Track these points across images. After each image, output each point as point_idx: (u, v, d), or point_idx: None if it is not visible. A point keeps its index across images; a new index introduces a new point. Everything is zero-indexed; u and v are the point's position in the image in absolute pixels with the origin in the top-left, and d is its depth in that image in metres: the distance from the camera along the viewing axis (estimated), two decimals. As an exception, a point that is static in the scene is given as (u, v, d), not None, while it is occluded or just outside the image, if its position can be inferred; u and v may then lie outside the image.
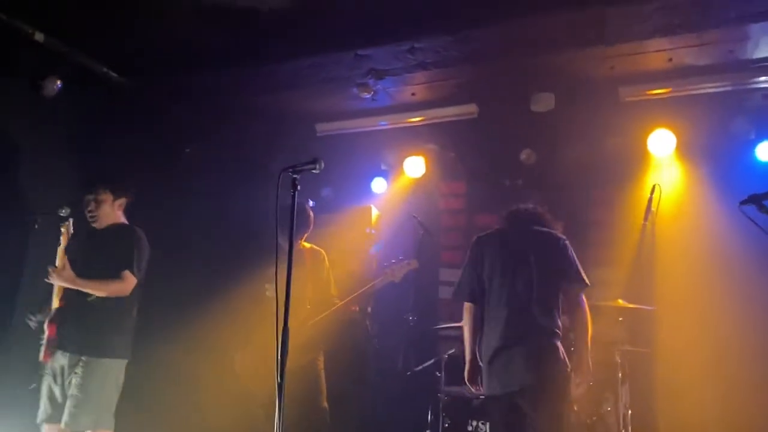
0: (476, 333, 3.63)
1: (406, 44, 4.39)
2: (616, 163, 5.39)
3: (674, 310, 4.09)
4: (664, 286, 3.86)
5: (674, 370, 4.31)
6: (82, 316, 3.84)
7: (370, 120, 5.88)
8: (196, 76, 5.01)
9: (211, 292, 5.02)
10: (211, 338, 4.89)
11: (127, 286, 3.89)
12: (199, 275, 5.40)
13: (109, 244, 3.98)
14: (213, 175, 5.69)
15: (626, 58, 4.66)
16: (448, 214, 6.40)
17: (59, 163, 4.50)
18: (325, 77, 4.95)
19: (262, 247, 4.97)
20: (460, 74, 5.02)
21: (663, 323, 3.83)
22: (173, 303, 5.12)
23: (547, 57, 4.72)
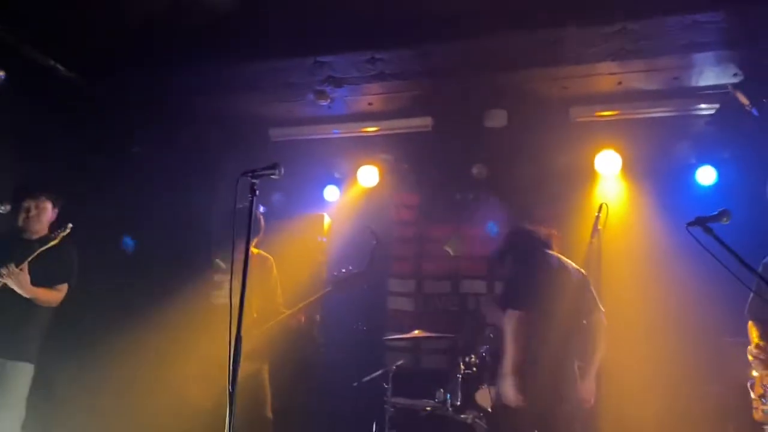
0: None
1: (366, 54, 4.40)
2: (564, 180, 5.52)
3: (619, 324, 4.21)
4: (610, 302, 3.96)
5: (618, 383, 4.43)
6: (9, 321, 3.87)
7: (325, 127, 5.87)
8: (150, 75, 4.88)
9: (154, 297, 4.87)
10: (154, 344, 4.75)
11: (61, 297, 4.04)
12: (143, 279, 5.24)
13: (47, 256, 3.95)
14: (162, 176, 5.55)
15: (579, 80, 4.81)
16: (400, 224, 6.43)
17: (3, 158, 4.32)
18: (284, 82, 4.91)
19: (209, 251, 4.89)
20: (417, 87, 5.07)
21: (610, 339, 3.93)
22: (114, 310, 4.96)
23: (502, 75, 4.84)
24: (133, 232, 5.20)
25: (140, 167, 5.43)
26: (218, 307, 4.35)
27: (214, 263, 4.29)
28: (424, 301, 6.24)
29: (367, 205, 6.17)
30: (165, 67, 4.80)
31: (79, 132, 4.87)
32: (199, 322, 4.30)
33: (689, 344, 4.69)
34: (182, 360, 4.41)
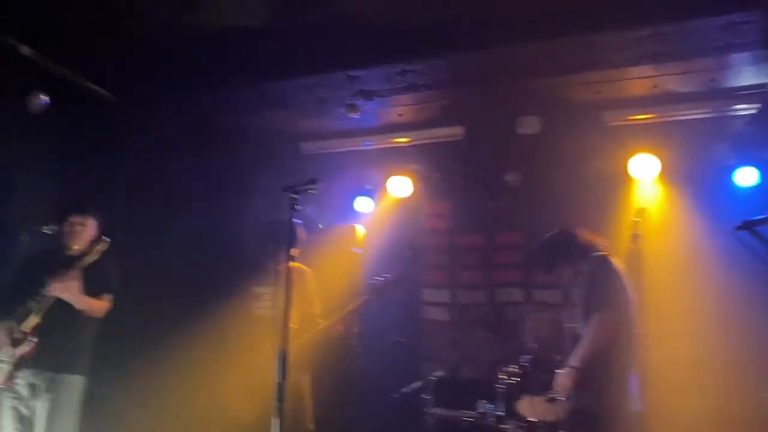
0: None
1: (398, 66, 4.42)
2: (599, 186, 5.46)
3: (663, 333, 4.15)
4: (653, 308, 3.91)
5: (664, 393, 4.35)
6: (59, 334, 3.89)
7: (356, 140, 5.91)
8: (185, 94, 4.97)
9: (196, 311, 4.94)
10: (198, 359, 4.81)
11: (105, 308, 4.06)
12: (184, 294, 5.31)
13: (89, 268, 4.01)
14: (198, 192, 5.63)
15: (612, 84, 4.77)
16: (433, 234, 6.42)
17: (45, 179, 4.43)
18: (315, 97, 4.97)
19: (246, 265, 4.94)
20: (448, 96, 5.08)
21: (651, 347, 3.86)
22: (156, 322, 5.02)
23: (534, 81, 4.81)
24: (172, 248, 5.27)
25: (176, 184, 5.51)
26: (258, 318, 4.42)
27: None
28: (459, 311, 6.20)
29: (400, 215, 6.18)
30: (198, 86, 4.89)
31: (117, 151, 4.96)
32: (240, 334, 4.35)
33: (739, 350, 4.59)
34: (225, 372, 4.45)
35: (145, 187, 5.24)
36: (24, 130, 4.44)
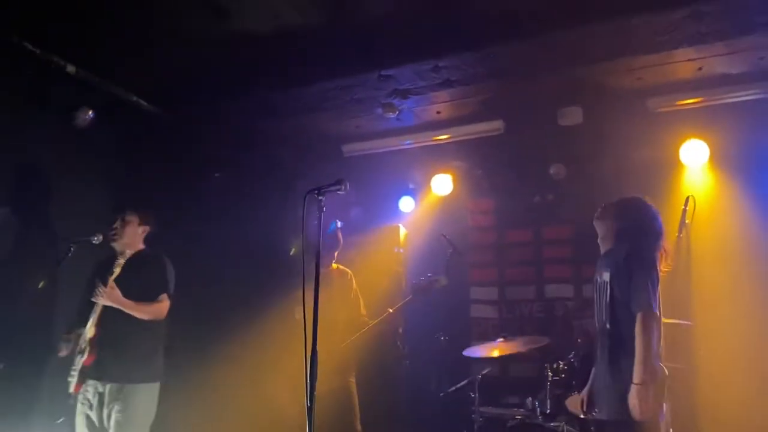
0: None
1: (429, 63, 4.39)
2: (647, 175, 5.28)
3: (713, 325, 3.97)
4: (702, 300, 3.74)
5: (716, 386, 4.18)
6: (119, 344, 3.86)
7: (396, 139, 5.89)
8: (224, 102, 5.07)
9: (241, 314, 5.03)
10: (242, 362, 4.90)
11: (165, 309, 4.00)
12: (229, 298, 5.43)
13: (142, 270, 4.03)
14: (242, 198, 5.75)
15: (654, 69, 4.59)
16: (477, 231, 6.36)
17: (93, 190, 4.58)
18: (351, 98, 4.98)
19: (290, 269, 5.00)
20: (485, 91, 4.99)
21: (702, 338, 3.71)
22: (204, 325, 5.15)
23: (572, 70, 4.69)
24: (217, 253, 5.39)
25: (221, 190, 5.64)
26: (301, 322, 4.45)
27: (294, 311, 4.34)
28: (507, 308, 6.12)
29: (442, 213, 6.14)
30: (237, 94, 4.97)
31: (163, 161, 5.10)
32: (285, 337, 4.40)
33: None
34: (272, 374, 4.52)
35: (191, 194, 5.38)
36: (71, 144, 4.61)
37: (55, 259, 3.91)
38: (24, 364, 4.18)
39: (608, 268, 3.40)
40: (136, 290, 3.93)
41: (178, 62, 4.59)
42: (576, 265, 5.87)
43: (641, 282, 3.26)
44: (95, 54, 4.41)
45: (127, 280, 3.96)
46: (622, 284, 3.30)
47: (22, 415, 4.23)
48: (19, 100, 4.25)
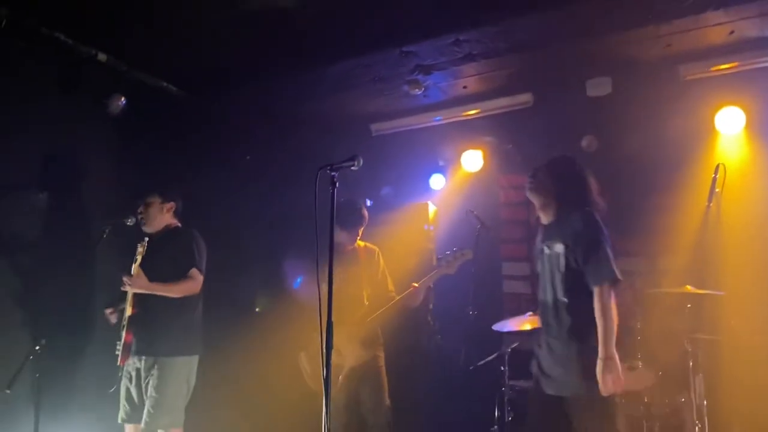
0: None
1: (450, 37, 4.36)
2: (680, 145, 5.16)
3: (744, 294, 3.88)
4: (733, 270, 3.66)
5: (748, 357, 4.09)
6: (154, 320, 3.99)
7: (425, 116, 5.89)
8: (251, 86, 5.15)
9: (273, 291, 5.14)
10: (276, 336, 5.01)
11: (197, 284, 4.06)
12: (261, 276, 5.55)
13: (170, 247, 4.13)
14: (272, 180, 5.83)
15: (683, 35, 4.46)
16: (508, 207, 6.31)
17: (126, 175, 4.71)
18: (375, 77, 4.99)
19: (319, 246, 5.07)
20: (511, 64, 4.94)
21: (733, 308, 3.63)
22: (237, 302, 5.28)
23: (598, 40, 4.59)
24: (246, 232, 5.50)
25: (253, 173, 5.74)
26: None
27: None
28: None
29: (473, 190, 6.11)
30: (264, 76, 5.04)
31: (194, 146, 5.21)
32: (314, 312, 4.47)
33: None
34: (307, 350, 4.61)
35: (222, 177, 5.49)
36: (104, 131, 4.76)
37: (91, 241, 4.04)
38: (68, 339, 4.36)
39: (561, 238, 3.23)
40: (166, 266, 4.03)
41: (206, 47, 4.66)
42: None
43: (603, 251, 3.12)
44: (125, 42, 4.52)
45: (157, 257, 4.07)
46: (579, 254, 3.14)
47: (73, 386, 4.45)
48: (54, 89, 4.40)
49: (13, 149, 4.21)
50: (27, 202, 4.31)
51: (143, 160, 4.80)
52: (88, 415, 4.39)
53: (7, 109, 4.16)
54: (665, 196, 5.21)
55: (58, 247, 4.30)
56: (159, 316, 4.00)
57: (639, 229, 5.44)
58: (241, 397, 5.28)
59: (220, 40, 4.58)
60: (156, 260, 4.04)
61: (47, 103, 4.38)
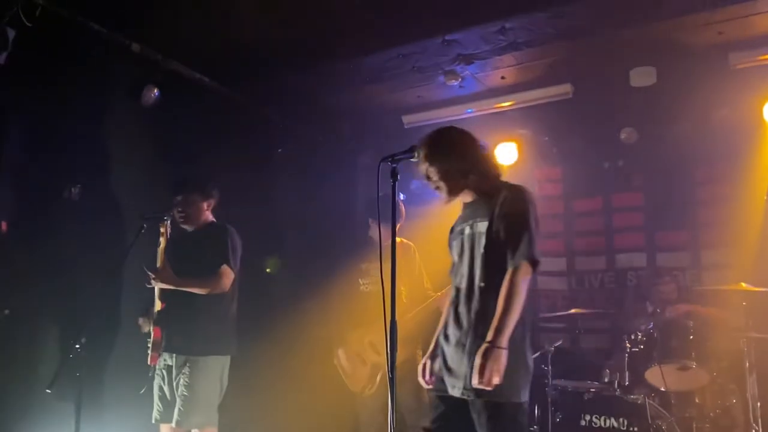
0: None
1: (496, 25, 4.23)
2: (727, 136, 5.02)
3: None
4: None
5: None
6: (184, 317, 3.87)
7: (458, 108, 5.75)
8: (284, 78, 5.04)
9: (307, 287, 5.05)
10: (312, 333, 4.92)
11: (227, 281, 3.89)
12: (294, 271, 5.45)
13: (203, 243, 4.00)
14: (304, 172, 5.73)
15: (736, 22, 4.32)
16: (544, 200, 6.18)
17: (160, 168, 4.61)
18: (413, 67, 4.87)
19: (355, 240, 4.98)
20: (553, 53, 4.80)
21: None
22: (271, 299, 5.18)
23: (647, 28, 4.44)
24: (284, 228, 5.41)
25: (285, 165, 5.65)
26: (366, 294, 4.44)
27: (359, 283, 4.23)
28: (577, 279, 5.96)
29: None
30: (297, 67, 4.93)
31: (227, 137, 5.12)
32: (348, 309, 4.38)
33: None
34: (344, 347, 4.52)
35: (255, 169, 5.39)
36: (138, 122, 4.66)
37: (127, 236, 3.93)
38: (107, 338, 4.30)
39: (485, 216, 2.78)
40: (198, 262, 3.91)
41: (240, 36, 4.55)
42: (648, 232, 5.67)
43: (526, 227, 2.67)
44: (158, 32, 4.42)
45: (191, 252, 3.96)
46: (501, 230, 2.70)
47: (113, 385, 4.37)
48: (87, 80, 4.29)
49: (46, 142, 4.11)
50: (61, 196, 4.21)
51: (177, 152, 4.69)
52: (124, 414, 4.30)
53: (39, 101, 4.06)
54: (711, 188, 5.09)
55: (94, 243, 4.20)
56: (190, 313, 3.87)
57: (680, 222, 5.32)
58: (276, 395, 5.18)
59: (254, 29, 4.47)
60: (189, 255, 3.94)
61: (80, 95, 4.27)
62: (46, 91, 4.08)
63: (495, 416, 2.58)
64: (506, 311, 2.56)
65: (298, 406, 5.16)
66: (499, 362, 2.50)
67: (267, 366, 5.06)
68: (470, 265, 2.81)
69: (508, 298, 2.58)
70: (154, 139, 4.74)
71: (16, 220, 4.03)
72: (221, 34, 4.49)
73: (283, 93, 5.29)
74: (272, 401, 5.18)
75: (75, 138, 4.31)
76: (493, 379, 2.49)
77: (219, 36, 4.51)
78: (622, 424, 4.04)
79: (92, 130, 4.41)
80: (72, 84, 4.23)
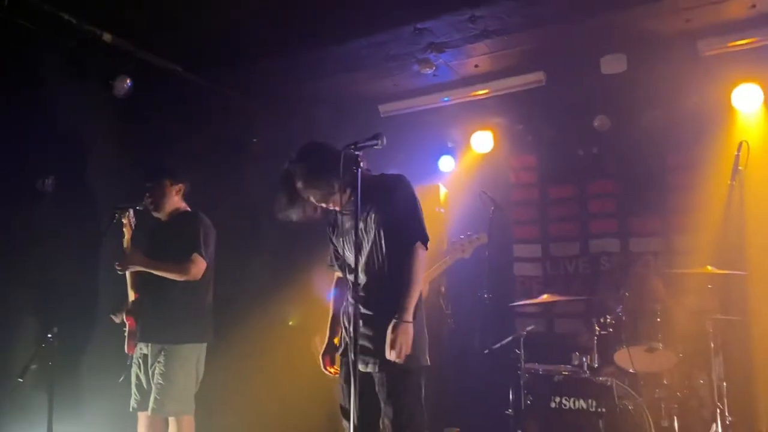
0: None
1: (466, 13, 4.25)
2: (697, 123, 5.10)
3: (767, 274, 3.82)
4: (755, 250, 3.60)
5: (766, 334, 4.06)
6: (157, 306, 3.89)
7: (434, 97, 5.78)
8: (259, 66, 5.04)
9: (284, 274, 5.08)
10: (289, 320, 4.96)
11: (197, 269, 3.89)
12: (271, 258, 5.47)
13: (175, 231, 4.00)
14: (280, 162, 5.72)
15: (703, 9, 4.36)
16: (520, 188, 6.26)
17: (133, 158, 4.60)
18: (386, 55, 4.88)
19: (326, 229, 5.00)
20: (525, 41, 4.83)
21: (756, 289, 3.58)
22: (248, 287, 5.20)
23: (616, 15, 4.48)
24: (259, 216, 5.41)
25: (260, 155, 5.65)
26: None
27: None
28: (552, 265, 6.04)
29: (483, 171, 6.05)
30: (271, 57, 4.92)
31: (201, 127, 5.12)
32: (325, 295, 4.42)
33: None
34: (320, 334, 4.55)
35: (229, 159, 5.40)
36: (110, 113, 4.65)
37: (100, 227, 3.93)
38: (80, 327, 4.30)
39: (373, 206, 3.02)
40: (171, 250, 3.91)
41: (213, 26, 4.55)
42: (621, 218, 5.74)
43: (416, 210, 3.03)
44: (130, 21, 4.41)
45: (159, 242, 3.98)
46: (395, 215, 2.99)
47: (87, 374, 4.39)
48: (58, 70, 4.28)
49: (17, 134, 4.08)
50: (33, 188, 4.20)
51: (150, 142, 4.70)
52: (101, 403, 4.32)
53: (10, 92, 4.03)
54: (680, 174, 5.16)
55: (67, 234, 4.21)
56: (164, 302, 3.89)
57: (652, 208, 5.39)
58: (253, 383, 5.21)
59: (227, 19, 4.46)
60: (162, 244, 3.94)
61: (51, 86, 4.26)
62: (17, 83, 4.06)
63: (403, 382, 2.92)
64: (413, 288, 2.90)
65: (274, 392, 5.19)
66: (408, 334, 2.84)
67: (244, 354, 5.09)
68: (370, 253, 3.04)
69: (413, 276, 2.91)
70: (128, 130, 4.73)
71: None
72: (194, 23, 4.48)
73: (258, 82, 5.29)
74: (249, 389, 5.22)
75: (47, 129, 4.30)
76: (405, 352, 2.82)
77: (191, 25, 4.50)
78: (591, 405, 4.11)
79: (65, 121, 4.40)
80: (44, 75, 4.22)
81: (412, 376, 2.94)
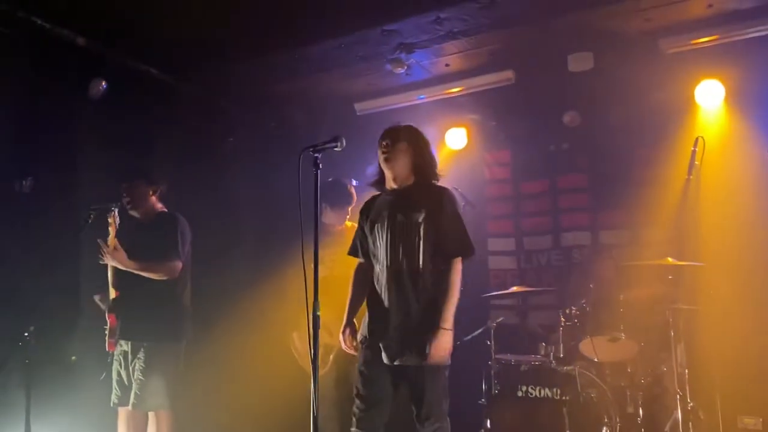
0: None
1: (430, 15, 4.35)
2: (661, 118, 5.22)
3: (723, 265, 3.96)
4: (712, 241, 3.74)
5: (727, 325, 4.19)
6: (138, 304, 3.99)
7: (408, 95, 5.88)
8: (231, 66, 5.12)
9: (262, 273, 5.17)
10: (267, 318, 5.05)
11: (174, 268, 4.02)
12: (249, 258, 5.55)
13: (152, 233, 4.11)
14: (256, 162, 5.83)
15: (663, 9, 4.49)
16: (494, 183, 6.36)
17: (109, 160, 4.68)
18: (357, 56, 4.98)
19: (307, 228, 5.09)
20: (493, 41, 4.94)
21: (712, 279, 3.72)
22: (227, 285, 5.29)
23: (579, 15, 4.60)
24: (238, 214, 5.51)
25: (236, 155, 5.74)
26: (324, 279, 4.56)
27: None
28: (526, 258, 6.16)
29: (458, 167, 6.12)
30: (245, 57, 5.01)
31: (176, 128, 5.20)
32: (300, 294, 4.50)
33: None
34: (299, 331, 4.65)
35: (205, 159, 5.48)
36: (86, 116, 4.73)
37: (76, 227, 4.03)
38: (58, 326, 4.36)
39: (422, 207, 3.26)
40: (148, 250, 4.01)
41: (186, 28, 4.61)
42: (592, 212, 5.87)
43: (462, 224, 3.29)
44: (104, 25, 4.48)
45: (140, 241, 4.07)
46: (440, 225, 3.23)
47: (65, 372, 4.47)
48: (33, 74, 4.35)
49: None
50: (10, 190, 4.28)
51: (126, 145, 4.77)
52: (80, 400, 4.42)
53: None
54: (646, 169, 5.28)
55: (43, 234, 4.29)
56: (144, 300, 3.99)
57: (621, 202, 5.52)
58: (232, 378, 5.32)
59: (200, 21, 4.53)
60: (139, 245, 4.03)
61: (27, 89, 4.34)
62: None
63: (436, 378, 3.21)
64: (455, 298, 3.18)
65: (253, 388, 5.29)
66: (450, 342, 3.16)
67: (222, 350, 5.19)
68: (405, 252, 3.24)
69: (454, 287, 3.18)
70: (104, 132, 4.80)
71: (-35, 214, 4.11)
72: (167, 25, 4.55)
73: (232, 82, 5.38)
74: (227, 384, 5.32)
75: (24, 132, 4.37)
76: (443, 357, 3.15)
77: (165, 27, 4.57)
78: (555, 393, 4.25)
79: (42, 124, 4.47)
80: (19, 79, 4.29)
81: (441, 372, 3.23)
